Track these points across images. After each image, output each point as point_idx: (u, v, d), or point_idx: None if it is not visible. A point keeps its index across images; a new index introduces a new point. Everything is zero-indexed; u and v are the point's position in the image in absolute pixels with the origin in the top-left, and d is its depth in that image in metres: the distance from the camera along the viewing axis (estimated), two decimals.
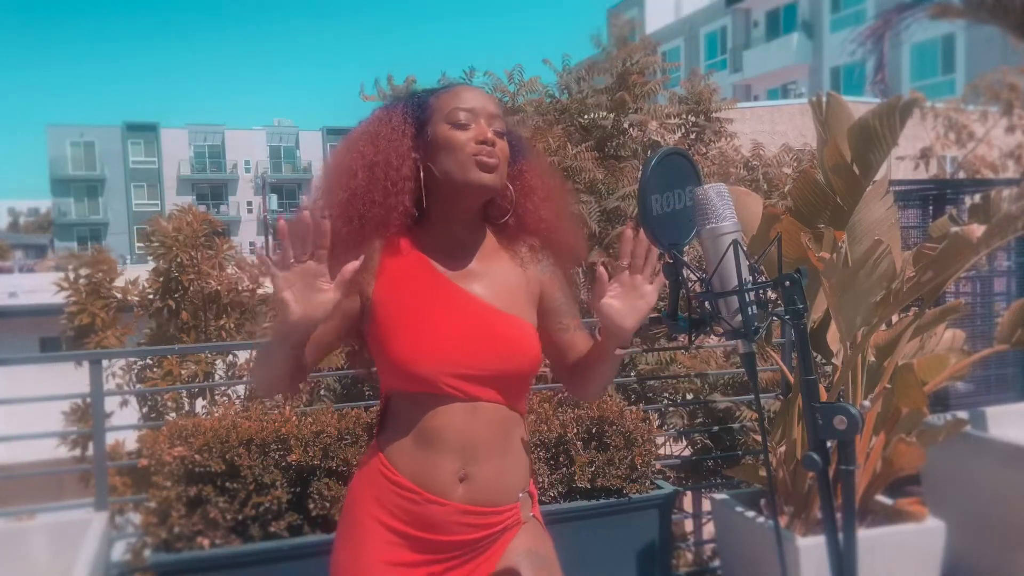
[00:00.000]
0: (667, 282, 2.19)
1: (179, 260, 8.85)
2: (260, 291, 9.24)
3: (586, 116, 9.87)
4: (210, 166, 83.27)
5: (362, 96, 9.77)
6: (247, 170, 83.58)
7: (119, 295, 9.28)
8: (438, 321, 2.26)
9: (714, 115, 10.29)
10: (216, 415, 4.58)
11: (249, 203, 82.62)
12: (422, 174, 2.32)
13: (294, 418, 4.49)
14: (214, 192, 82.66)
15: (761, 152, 11.02)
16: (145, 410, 8.47)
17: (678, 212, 2.16)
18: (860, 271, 4.08)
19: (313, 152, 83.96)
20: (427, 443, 2.27)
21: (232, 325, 8.97)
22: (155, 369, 8.56)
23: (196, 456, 4.21)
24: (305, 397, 6.99)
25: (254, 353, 2.34)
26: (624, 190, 8.59)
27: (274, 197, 77.07)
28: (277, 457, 4.30)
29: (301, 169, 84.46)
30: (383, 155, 2.30)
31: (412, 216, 2.33)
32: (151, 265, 9.14)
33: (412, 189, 2.31)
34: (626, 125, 9.87)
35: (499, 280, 2.39)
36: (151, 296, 9.06)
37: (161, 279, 8.95)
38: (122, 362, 8.88)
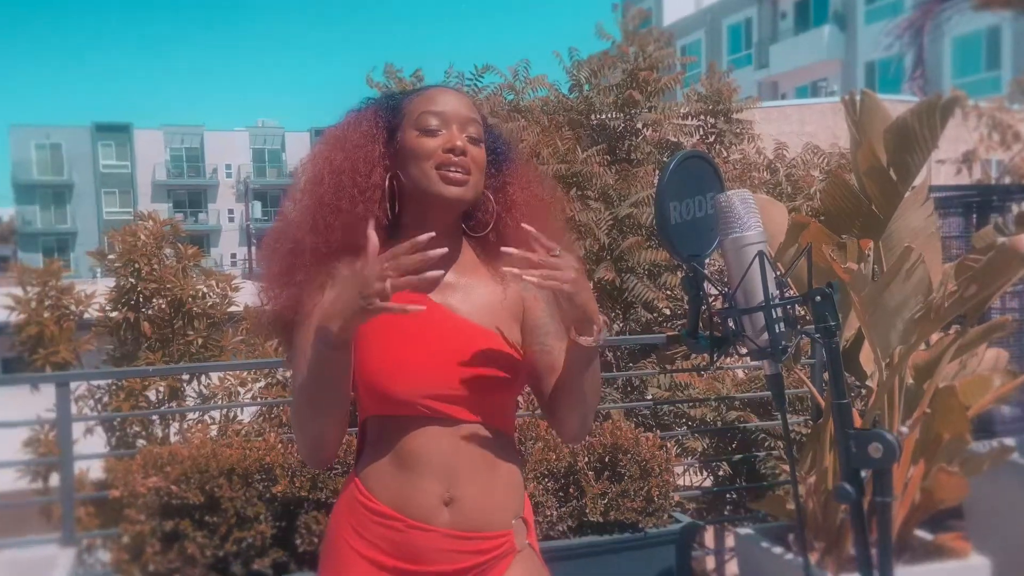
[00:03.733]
0: (687, 298, 2.19)
1: (137, 269, 8.85)
2: (230, 307, 9.25)
3: (595, 116, 9.88)
4: (188, 170, 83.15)
5: (368, 83, 9.77)
6: (228, 175, 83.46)
7: (73, 306, 9.30)
8: (413, 339, 2.27)
9: (734, 116, 10.29)
10: (194, 442, 4.58)
11: (231, 211, 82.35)
12: (394, 182, 2.35)
13: (279, 445, 4.49)
14: (192, 199, 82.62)
15: (784, 152, 11.03)
16: (113, 437, 8.47)
17: (699, 221, 2.16)
18: (891, 283, 4.07)
19: (301, 155, 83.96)
20: (407, 467, 2.27)
21: (200, 340, 8.98)
22: (120, 392, 8.56)
23: (172, 487, 4.21)
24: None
25: (291, 396, 2.30)
26: (637, 196, 8.59)
27: (258, 204, 76.50)
28: (261, 488, 4.31)
29: (287, 174, 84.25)
30: (351, 161, 2.32)
31: (383, 227, 2.33)
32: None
33: (381, 198, 2.33)
34: (639, 125, 9.88)
35: (478, 295, 2.41)
36: (108, 309, 9.07)
37: (119, 291, 8.96)
38: (83, 384, 8.85)
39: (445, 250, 2.01)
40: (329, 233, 2.30)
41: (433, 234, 2.02)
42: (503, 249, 2.15)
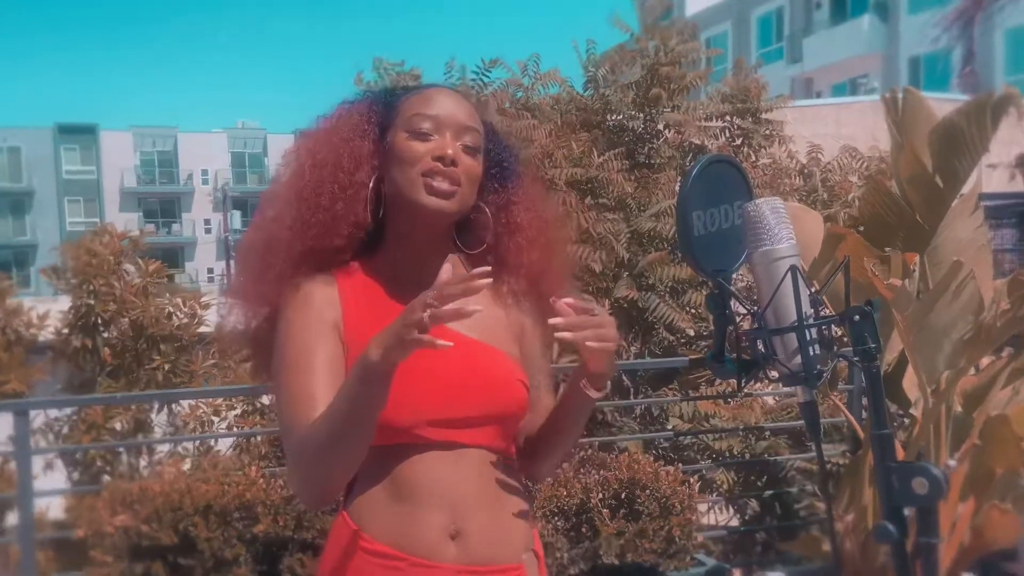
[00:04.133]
0: (712, 317, 2.19)
1: (93, 290, 8.80)
2: (200, 327, 9.23)
3: (612, 116, 9.88)
4: (160, 176, 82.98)
5: (358, 82, 9.78)
6: (205, 181, 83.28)
7: (23, 330, 9.27)
8: (410, 361, 2.18)
9: (763, 116, 10.29)
10: (166, 476, 4.58)
11: (207, 221, 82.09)
12: (382, 185, 2.36)
13: (261, 480, 4.49)
14: (165, 207, 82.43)
15: (819, 156, 11.03)
16: (75, 472, 8.45)
17: (725, 232, 2.16)
18: (938, 301, 4.07)
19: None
20: (406, 499, 2.25)
21: (167, 367, 8.93)
22: (80, 425, 8.51)
23: (143, 526, 4.21)
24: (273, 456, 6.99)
25: (322, 430, 2.27)
26: (659, 206, 8.58)
27: (237, 214, 75.90)
28: (241, 527, 4.30)
29: (270, 180, 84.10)
30: (336, 155, 2.34)
31: (365, 231, 2.37)
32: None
33: (366, 200, 2.34)
34: (660, 127, 9.88)
35: (477, 314, 2.41)
36: (66, 332, 9.03)
37: (75, 313, 8.92)
38: (40, 416, 8.79)
39: (490, 281, 2.01)
40: (306, 231, 2.31)
41: (489, 268, 2.02)
42: (555, 303, 2.23)
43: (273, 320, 2.34)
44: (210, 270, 71.44)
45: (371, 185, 2.35)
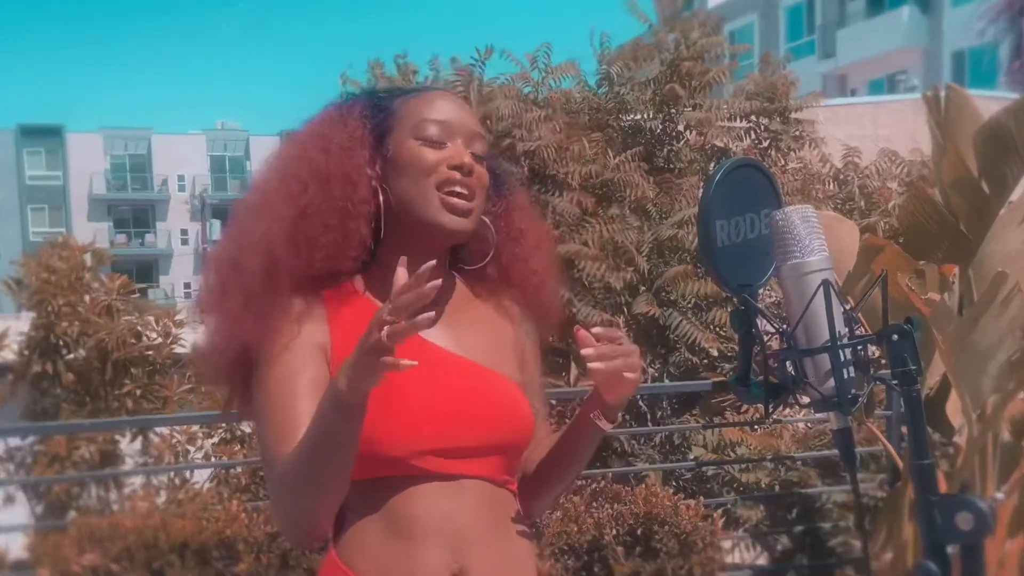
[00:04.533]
0: (736, 336, 2.19)
1: (51, 308, 8.77)
2: (175, 347, 9.20)
3: (627, 116, 9.89)
4: (132, 182, 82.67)
5: (343, 82, 9.79)
6: (181, 188, 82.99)
7: None
8: (404, 384, 2.19)
9: (793, 115, 10.29)
10: (139, 511, 4.58)
11: (184, 231, 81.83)
12: (380, 198, 2.35)
13: (243, 515, 4.49)
14: (137, 216, 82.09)
15: (856, 160, 11.02)
16: (39, 506, 8.44)
17: (750, 243, 2.16)
18: (982, 318, 4.06)
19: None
20: (402, 535, 2.23)
21: (139, 392, 8.90)
22: (43, 458, 8.48)
23: (113, 565, 4.21)
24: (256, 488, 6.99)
25: (296, 462, 2.26)
26: (682, 214, 8.58)
27: (216, 224, 75.73)
28: (221, 567, 4.31)
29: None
30: (339, 167, 2.32)
31: (367, 245, 2.36)
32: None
33: (370, 215, 2.34)
34: (680, 127, 9.89)
35: (477, 331, 2.44)
36: (26, 354, 9.00)
37: (34, 332, 8.89)
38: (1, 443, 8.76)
39: (439, 282, 1.98)
40: (313, 253, 2.30)
41: (434, 263, 1.99)
42: (579, 332, 2.24)
43: (263, 349, 2.30)
44: (187, 285, 70.74)
45: (375, 200, 2.34)
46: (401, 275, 2.01)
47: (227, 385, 2.45)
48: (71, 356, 8.95)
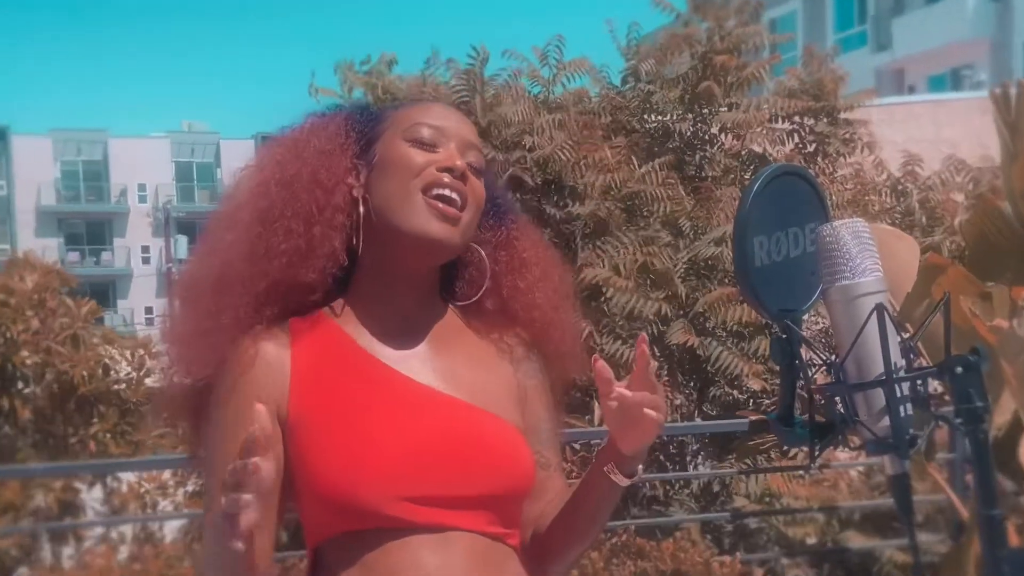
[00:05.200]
0: (777, 368, 2.19)
1: (9, 335, 8.74)
2: (148, 381, 9.15)
3: (653, 117, 9.88)
4: (87, 193, 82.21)
5: (313, 91, 9.82)
6: (142, 199, 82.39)
7: None
8: (384, 425, 2.24)
9: (842, 116, 10.28)
10: (96, 567, 4.59)
11: (145, 249, 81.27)
12: (360, 210, 2.36)
13: None
14: (92, 231, 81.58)
15: (917, 168, 11.01)
16: None
17: (793, 262, 2.16)
18: None
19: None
20: None
21: (106, 433, 8.86)
22: None
23: None
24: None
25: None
26: (721, 230, 8.56)
27: (182, 240, 74.80)
28: None
29: (222, 197, 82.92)
30: (310, 169, 2.34)
31: (340, 267, 2.35)
32: None
33: (343, 226, 2.34)
34: (714, 130, 9.89)
35: (468, 368, 2.43)
36: None
37: None
38: None
39: (268, 429, 1.98)
40: (271, 261, 2.29)
41: (268, 429, 1.99)
42: (597, 363, 2.23)
43: (215, 377, 2.31)
44: (149, 310, 70.38)
45: (351, 207, 2.35)
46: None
47: (186, 424, 2.45)
48: (28, 390, 8.93)
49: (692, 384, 8.59)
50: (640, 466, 2.35)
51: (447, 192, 2.28)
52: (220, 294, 2.29)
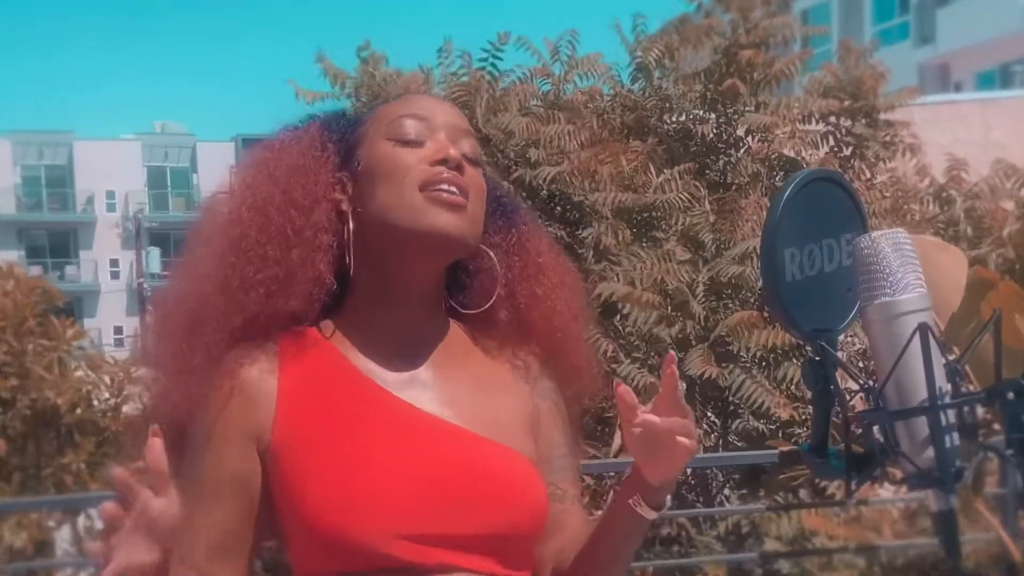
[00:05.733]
0: (810, 395, 2.18)
1: None
2: (126, 407, 9.14)
3: (672, 118, 9.87)
4: (49, 200, 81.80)
5: (298, 94, 9.84)
6: (111, 207, 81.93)
7: None
8: (381, 456, 2.24)
9: (881, 116, 10.27)
10: None
11: (114, 262, 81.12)
12: (350, 224, 2.35)
13: None
14: (56, 243, 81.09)
15: (963, 174, 10.99)
16: None
17: (828, 278, 2.16)
18: None
19: (220, 176, 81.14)
20: None
21: (83, 464, 8.86)
22: None
23: None
24: None
25: None
26: (745, 245, 8.51)
27: (155, 252, 75.19)
28: None
29: (200, 205, 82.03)
30: (283, 188, 2.32)
31: (328, 290, 2.34)
32: None
33: (329, 246, 2.33)
34: (740, 132, 9.88)
35: (475, 392, 2.41)
36: None
37: None
38: None
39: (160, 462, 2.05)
40: (247, 293, 2.28)
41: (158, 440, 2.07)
42: (620, 387, 2.22)
43: (190, 415, 2.31)
44: (118, 329, 70.03)
45: (335, 228, 2.34)
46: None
47: (168, 452, 2.38)
48: (4, 415, 8.91)
49: (714, 414, 8.58)
50: (668, 497, 2.34)
51: (445, 182, 2.27)
52: (193, 332, 2.29)
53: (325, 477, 2.21)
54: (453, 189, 2.27)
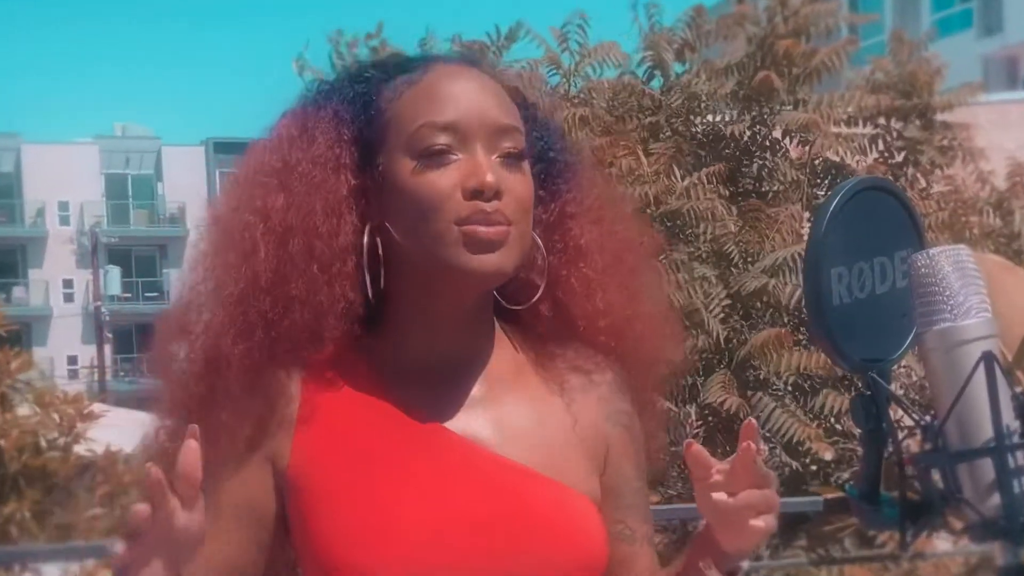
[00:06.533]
0: (859, 433, 2.17)
1: None
2: (78, 448, 9.09)
3: (701, 118, 9.86)
4: None
5: (296, 68, 9.86)
6: (64, 220, 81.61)
7: None
8: (416, 493, 2.20)
9: (938, 117, 10.24)
10: None
11: (68, 283, 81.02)
12: (376, 238, 2.27)
13: None
14: (1, 261, 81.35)
15: None
16: None
17: (880, 300, 2.15)
18: None
19: (189, 185, 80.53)
20: None
21: (28, 514, 8.83)
22: None
23: None
24: None
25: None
26: (775, 256, 8.50)
27: (115, 271, 74.82)
28: None
29: (166, 218, 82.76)
30: (304, 211, 2.24)
31: (358, 313, 2.29)
32: None
33: (356, 271, 2.26)
34: (776, 133, 9.87)
35: (526, 417, 2.35)
36: None
37: None
38: None
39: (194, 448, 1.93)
40: (270, 331, 2.24)
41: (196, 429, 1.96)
42: (691, 447, 2.11)
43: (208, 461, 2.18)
44: (72, 359, 70.01)
45: (364, 244, 2.26)
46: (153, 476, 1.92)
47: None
48: None
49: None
50: (745, 563, 2.25)
51: (482, 224, 2.15)
52: (212, 377, 2.25)
53: (345, 511, 2.19)
54: (492, 226, 2.18)
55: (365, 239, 2.25)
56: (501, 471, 2.25)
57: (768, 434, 8.16)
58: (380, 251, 2.26)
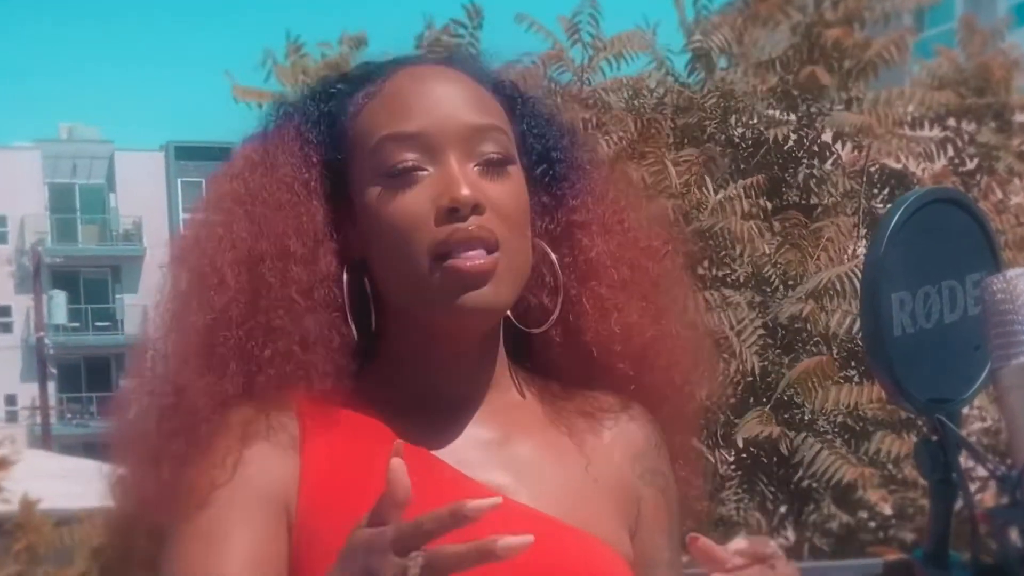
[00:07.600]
0: (925, 484, 2.17)
1: None
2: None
3: (739, 120, 9.84)
4: None
5: (272, 65, 9.89)
6: (2, 237, 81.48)
7: None
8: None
9: (1017, 117, 10.22)
10: None
11: (5, 309, 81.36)
12: (362, 275, 2.27)
13: None
14: None
15: None
16: None
17: (949, 330, 2.15)
18: None
19: (146, 197, 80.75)
20: None
21: None
22: None
23: None
24: None
25: None
26: (820, 277, 8.46)
27: (60, 296, 75.07)
28: None
29: (119, 234, 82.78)
30: (274, 237, 2.25)
31: (350, 347, 2.27)
32: None
33: (344, 300, 2.25)
34: (826, 137, 9.85)
35: (552, 459, 2.35)
36: None
37: None
38: None
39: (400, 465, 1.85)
40: (247, 364, 2.23)
41: (401, 444, 1.87)
42: (695, 541, 2.00)
43: (172, 509, 2.21)
44: (11, 399, 70.11)
45: (343, 276, 2.24)
46: (396, 469, 1.84)
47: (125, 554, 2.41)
48: None
49: (779, 499, 8.49)
50: None
51: (462, 246, 2.13)
52: (177, 417, 2.22)
53: None
54: (475, 252, 2.15)
55: (345, 277, 2.24)
56: (525, 519, 2.17)
57: (813, 480, 8.09)
58: (368, 288, 2.25)
